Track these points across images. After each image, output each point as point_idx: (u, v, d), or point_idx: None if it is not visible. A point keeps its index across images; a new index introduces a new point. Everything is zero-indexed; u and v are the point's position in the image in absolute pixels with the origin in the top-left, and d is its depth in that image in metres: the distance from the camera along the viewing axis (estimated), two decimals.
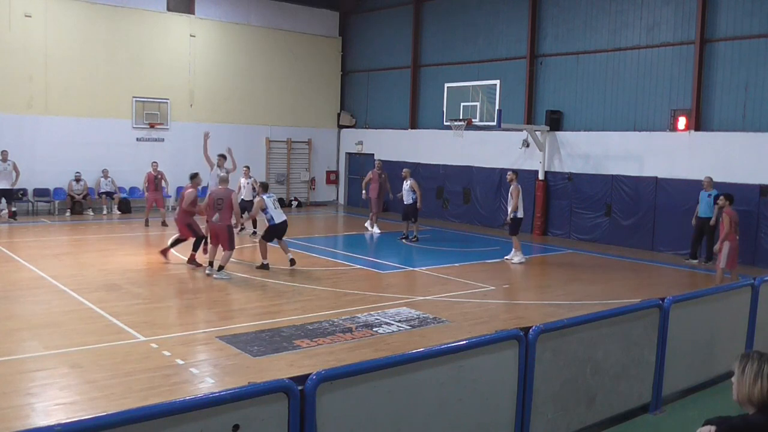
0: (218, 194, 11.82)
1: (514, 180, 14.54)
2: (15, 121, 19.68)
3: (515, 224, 14.47)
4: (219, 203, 11.65)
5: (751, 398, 3.31)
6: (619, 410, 5.99)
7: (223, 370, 7.35)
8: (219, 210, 11.62)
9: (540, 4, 19.48)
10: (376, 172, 18.38)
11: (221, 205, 11.64)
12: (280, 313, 9.69)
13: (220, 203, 11.65)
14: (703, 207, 14.81)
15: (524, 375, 4.95)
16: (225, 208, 11.66)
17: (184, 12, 22.53)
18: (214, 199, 11.75)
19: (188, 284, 11.65)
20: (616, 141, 17.63)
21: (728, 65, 15.66)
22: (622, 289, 12.13)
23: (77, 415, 5.86)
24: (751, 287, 7.31)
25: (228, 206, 11.68)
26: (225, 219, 11.69)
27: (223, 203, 11.66)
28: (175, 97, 22.41)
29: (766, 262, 14.66)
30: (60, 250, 14.48)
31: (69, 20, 20.48)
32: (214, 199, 11.77)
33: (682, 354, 6.48)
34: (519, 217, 14.47)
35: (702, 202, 14.86)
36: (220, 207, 11.63)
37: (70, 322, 8.95)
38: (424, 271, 13.40)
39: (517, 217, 14.44)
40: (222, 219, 11.65)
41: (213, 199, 11.78)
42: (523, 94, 19.78)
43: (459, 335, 8.27)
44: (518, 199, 14.35)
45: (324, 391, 3.72)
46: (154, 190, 18.38)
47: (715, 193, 14.20)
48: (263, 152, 24.39)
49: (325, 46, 25.71)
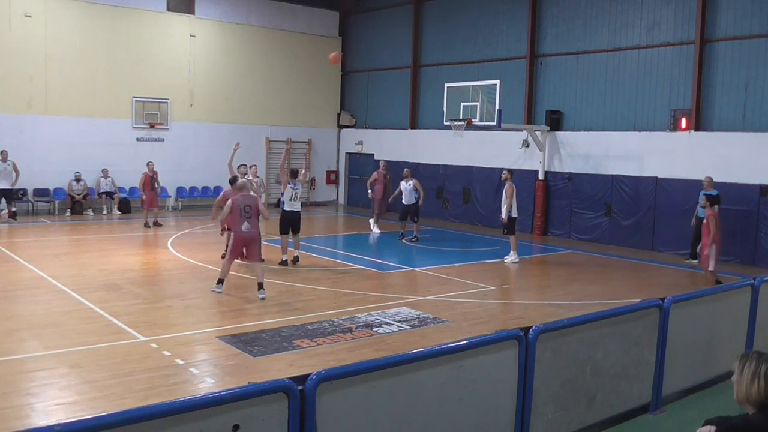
0: (243, 202, 10.79)
1: (509, 179, 14.56)
2: (15, 121, 19.68)
3: (512, 224, 14.49)
4: (247, 210, 10.70)
5: (749, 398, 3.32)
6: (619, 410, 5.99)
7: (223, 370, 7.35)
8: (248, 218, 10.65)
9: (540, 4, 19.48)
10: (381, 173, 18.38)
11: (249, 213, 10.70)
12: (280, 313, 9.68)
13: (248, 210, 10.71)
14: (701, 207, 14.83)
15: (524, 375, 4.95)
16: (253, 215, 10.74)
17: (184, 12, 22.53)
18: (241, 207, 10.70)
19: (188, 284, 11.64)
20: (616, 141, 17.63)
21: (728, 65, 15.66)
22: (622, 289, 12.13)
23: (77, 415, 5.86)
24: (751, 287, 7.31)
25: (256, 213, 10.79)
26: (255, 226, 10.77)
27: (251, 210, 10.73)
28: (175, 97, 22.41)
29: (766, 262, 14.65)
30: (60, 250, 14.49)
31: (69, 20, 20.49)
32: (240, 207, 10.71)
33: (682, 354, 6.48)
34: (513, 216, 14.48)
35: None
36: (249, 215, 10.69)
37: (70, 322, 8.95)
38: (424, 271, 13.40)
39: (512, 217, 14.46)
40: (252, 226, 10.70)
41: (238, 207, 10.72)
42: (523, 94, 19.78)
43: (459, 335, 8.27)
44: (512, 198, 14.38)
45: (324, 391, 3.72)
46: (150, 190, 18.06)
47: (715, 193, 14.26)
48: (263, 152, 24.39)
49: (325, 46, 25.69)
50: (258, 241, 10.84)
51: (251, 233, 10.68)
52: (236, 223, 10.68)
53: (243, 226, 10.61)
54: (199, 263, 13.26)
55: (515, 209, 14.56)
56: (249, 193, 11.27)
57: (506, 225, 14.51)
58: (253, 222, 10.69)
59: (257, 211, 10.76)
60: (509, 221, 14.44)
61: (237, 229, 10.72)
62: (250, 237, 10.70)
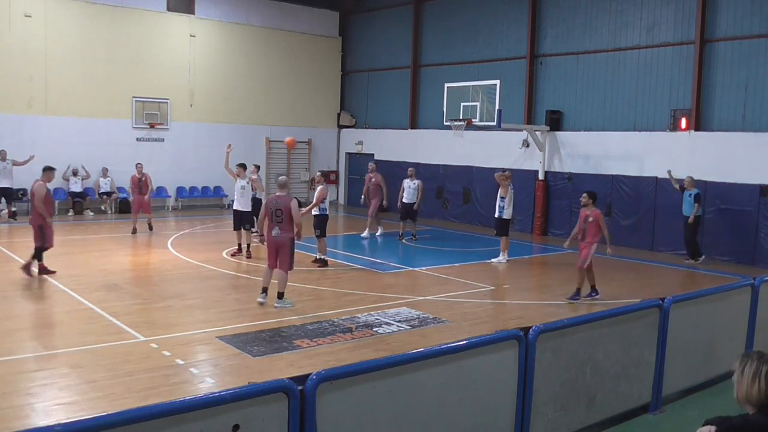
0: (275, 203, 9.97)
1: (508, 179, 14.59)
2: (15, 121, 19.68)
3: (506, 225, 14.49)
4: (278, 214, 9.88)
5: (749, 398, 3.32)
6: (619, 410, 5.99)
7: (223, 370, 7.35)
8: (279, 222, 9.89)
9: (540, 4, 19.48)
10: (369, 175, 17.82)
11: (280, 217, 9.88)
12: (280, 313, 9.68)
13: (279, 215, 9.87)
14: (684, 206, 15.15)
15: (524, 375, 4.95)
16: (285, 219, 9.87)
17: (184, 12, 22.53)
18: (272, 210, 9.94)
19: (188, 284, 11.64)
20: (616, 141, 17.63)
21: (728, 65, 15.66)
22: (622, 289, 12.13)
23: (77, 415, 5.85)
24: (751, 287, 7.31)
25: (288, 217, 9.85)
26: (287, 231, 9.91)
27: (282, 214, 9.86)
28: (175, 97, 22.41)
29: (766, 262, 14.65)
30: (60, 250, 14.46)
31: (69, 20, 20.48)
32: (271, 210, 9.95)
33: (682, 354, 6.48)
34: (506, 218, 14.46)
35: (684, 201, 15.15)
36: (280, 219, 9.88)
37: (70, 322, 8.95)
38: (424, 271, 13.40)
39: (505, 219, 14.44)
40: (283, 231, 9.89)
41: (270, 209, 9.98)
42: (523, 94, 19.78)
43: (459, 335, 8.27)
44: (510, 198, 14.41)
45: (324, 391, 3.72)
46: (138, 193, 16.92)
47: (696, 192, 14.76)
48: (263, 152, 24.39)
49: (325, 46, 25.72)
50: (288, 248, 10.02)
51: (280, 238, 9.94)
52: (268, 227, 10.08)
53: (273, 231, 9.96)
54: (199, 263, 13.27)
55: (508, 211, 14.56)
56: (286, 194, 10.23)
57: (500, 226, 14.49)
58: (284, 227, 9.90)
59: (289, 215, 9.85)
60: (503, 222, 14.44)
61: (267, 233, 10.11)
62: (281, 242, 9.96)
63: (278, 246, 9.99)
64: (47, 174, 11.97)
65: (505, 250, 14.49)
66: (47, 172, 11.99)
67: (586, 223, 10.75)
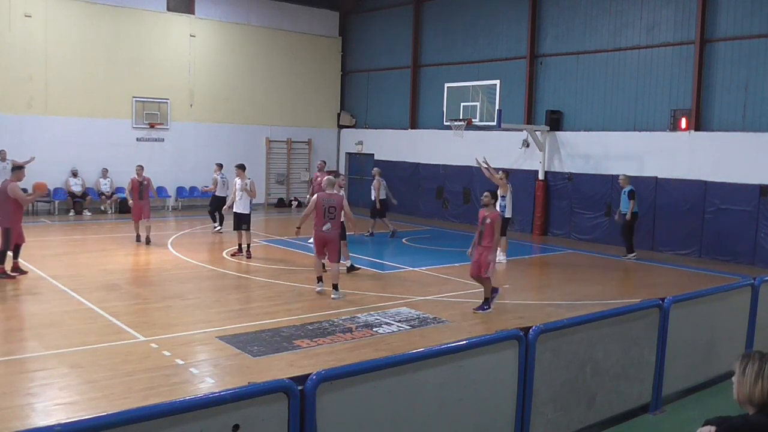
0: (328, 201, 10.66)
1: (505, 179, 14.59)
2: (15, 121, 19.68)
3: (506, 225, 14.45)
4: (331, 211, 10.59)
5: (751, 399, 3.31)
6: (619, 410, 5.99)
7: (223, 370, 7.35)
8: (331, 219, 10.58)
9: (540, 4, 19.48)
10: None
11: (333, 214, 10.60)
12: (280, 313, 9.68)
13: (332, 211, 10.60)
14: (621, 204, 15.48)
15: (524, 375, 4.95)
16: (337, 216, 10.68)
17: (184, 12, 22.53)
18: (325, 207, 10.59)
19: (188, 284, 11.64)
20: (616, 141, 17.63)
21: (728, 65, 15.66)
22: (622, 289, 12.13)
23: (77, 415, 5.86)
24: (751, 287, 7.31)
25: (340, 214, 10.72)
26: (337, 227, 10.75)
27: (335, 212, 10.63)
28: (175, 97, 22.41)
29: (766, 262, 14.65)
30: (60, 250, 14.48)
31: (69, 20, 20.48)
32: (324, 207, 10.59)
33: (682, 354, 6.48)
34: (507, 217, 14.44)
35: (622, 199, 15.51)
36: (332, 216, 10.60)
37: (70, 322, 8.94)
38: (424, 271, 13.40)
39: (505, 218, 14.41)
40: (334, 227, 10.65)
41: (323, 207, 10.61)
42: (523, 94, 19.78)
43: (459, 335, 8.27)
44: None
45: (324, 391, 3.72)
46: (138, 198, 15.62)
47: (629, 189, 15.15)
48: (263, 152, 24.39)
49: (325, 46, 25.72)
50: (336, 242, 10.79)
51: (330, 234, 10.62)
52: (318, 222, 10.65)
53: (324, 227, 10.59)
54: (199, 263, 13.27)
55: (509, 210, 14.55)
56: (336, 192, 11.17)
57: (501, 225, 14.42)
58: (335, 223, 10.65)
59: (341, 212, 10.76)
60: (503, 222, 14.38)
61: (318, 228, 10.67)
62: (330, 238, 10.64)
63: (327, 240, 10.67)
64: (17, 173, 11.57)
65: (504, 250, 14.47)
66: (17, 171, 11.62)
67: (483, 224, 9.97)
